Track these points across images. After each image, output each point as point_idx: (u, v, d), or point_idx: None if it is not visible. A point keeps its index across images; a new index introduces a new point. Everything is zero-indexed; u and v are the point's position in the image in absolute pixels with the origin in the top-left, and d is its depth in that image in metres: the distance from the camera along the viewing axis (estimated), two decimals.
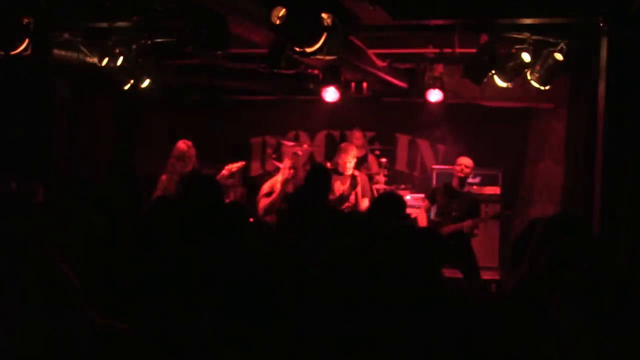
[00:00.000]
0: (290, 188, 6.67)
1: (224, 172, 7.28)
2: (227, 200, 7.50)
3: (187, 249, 3.45)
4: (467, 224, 7.01)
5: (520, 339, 2.61)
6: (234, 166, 7.40)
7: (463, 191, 7.21)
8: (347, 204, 6.87)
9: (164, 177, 6.87)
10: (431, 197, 7.35)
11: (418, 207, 7.74)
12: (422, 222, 7.20)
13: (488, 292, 6.78)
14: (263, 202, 6.78)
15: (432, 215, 7.37)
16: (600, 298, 1.69)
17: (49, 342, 1.51)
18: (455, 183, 7.21)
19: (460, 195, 7.15)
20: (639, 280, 1.73)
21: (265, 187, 6.99)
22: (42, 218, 3.43)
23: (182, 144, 6.97)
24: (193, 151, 6.94)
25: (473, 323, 2.90)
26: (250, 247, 3.24)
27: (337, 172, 6.95)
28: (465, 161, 7.16)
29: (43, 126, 7.84)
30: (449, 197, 7.14)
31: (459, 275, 6.96)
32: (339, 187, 6.95)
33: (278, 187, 6.76)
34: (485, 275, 7.59)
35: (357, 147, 7.70)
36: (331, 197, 6.59)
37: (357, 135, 8.96)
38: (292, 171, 6.71)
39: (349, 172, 6.94)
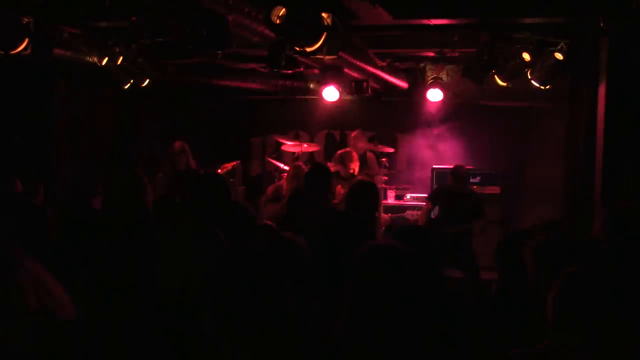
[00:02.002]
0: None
1: (219, 171, 7.31)
2: None
3: (189, 247, 3.45)
4: (481, 223, 6.98)
5: (520, 337, 2.61)
6: (229, 165, 7.44)
7: (466, 191, 7.18)
8: None
9: (159, 175, 6.90)
10: (433, 199, 7.33)
11: (420, 208, 7.73)
12: (423, 222, 7.19)
13: (488, 292, 6.78)
14: (269, 209, 6.77)
15: (434, 216, 7.35)
16: (594, 296, 1.69)
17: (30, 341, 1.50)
18: (456, 184, 7.18)
19: (464, 195, 7.12)
20: (633, 279, 1.73)
21: (270, 192, 6.99)
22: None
23: (176, 144, 6.99)
24: (185, 151, 6.96)
25: (472, 322, 2.90)
26: (254, 246, 3.24)
27: (340, 177, 6.96)
28: (456, 173, 7.14)
29: (43, 126, 7.85)
30: (452, 198, 7.11)
31: (459, 275, 6.95)
32: (340, 190, 6.95)
33: (284, 193, 6.76)
34: (485, 275, 7.58)
35: (359, 149, 7.71)
36: (335, 201, 6.59)
37: (358, 139, 8.92)
38: (294, 182, 6.72)
39: (350, 175, 6.96)
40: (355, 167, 7.03)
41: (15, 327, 1.47)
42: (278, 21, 4.53)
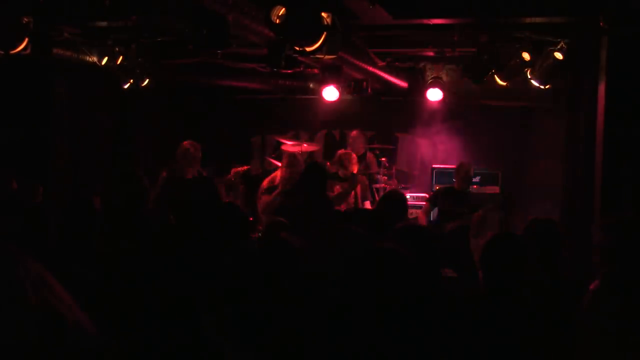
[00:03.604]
0: (289, 187, 6.66)
1: (230, 175, 7.31)
2: (226, 200, 7.53)
3: (186, 249, 3.45)
4: (477, 214, 6.98)
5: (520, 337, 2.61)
6: (241, 169, 7.45)
7: (465, 191, 7.20)
8: (344, 204, 6.86)
9: (164, 174, 6.87)
10: (432, 200, 7.33)
11: (419, 207, 7.73)
12: (422, 222, 7.19)
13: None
14: (264, 200, 6.77)
15: (433, 217, 7.35)
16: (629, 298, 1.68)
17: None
18: (457, 185, 7.19)
19: (463, 195, 7.13)
20: None
21: (265, 184, 6.99)
22: None
23: (188, 145, 6.96)
24: (199, 153, 6.94)
25: (468, 322, 2.90)
26: (252, 247, 3.24)
27: (339, 177, 6.96)
28: (465, 169, 7.14)
29: (43, 126, 7.85)
30: (452, 198, 7.12)
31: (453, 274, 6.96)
32: (338, 189, 6.94)
33: (277, 183, 6.75)
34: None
35: (358, 149, 7.71)
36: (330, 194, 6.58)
37: (358, 139, 8.92)
38: (288, 170, 6.67)
39: (348, 174, 6.95)
40: (354, 169, 7.02)
41: (17, 326, 1.47)
42: (278, 21, 4.53)
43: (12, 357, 1.45)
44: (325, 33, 4.69)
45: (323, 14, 4.72)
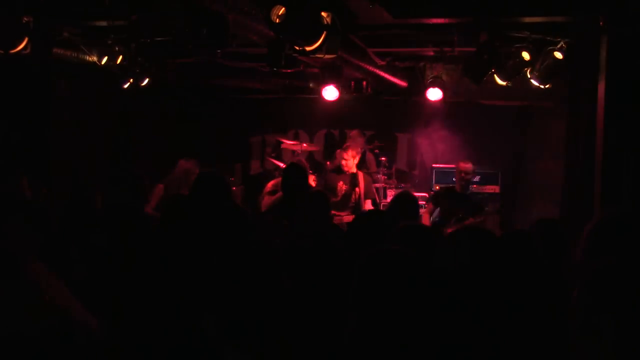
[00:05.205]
0: None
1: None
2: None
3: (187, 248, 3.45)
4: (467, 222, 6.99)
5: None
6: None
7: (466, 194, 7.21)
8: (349, 204, 6.87)
9: (161, 186, 6.84)
10: (435, 200, 7.34)
11: (420, 207, 7.73)
12: (426, 222, 7.18)
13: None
14: (266, 201, 6.77)
15: (435, 217, 7.35)
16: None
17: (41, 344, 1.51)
18: (458, 187, 7.20)
19: (464, 198, 7.13)
20: None
21: (270, 186, 7.00)
22: None
23: (187, 163, 6.91)
24: (197, 169, 6.92)
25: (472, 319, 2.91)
26: (255, 246, 3.23)
27: (341, 171, 6.97)
28: (465, 167, 7.14)
29: (43, 125, 7.85)
30: (453, 201, 7.12)
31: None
32: (342, 187, 6.95)
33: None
34: None
35: (357, 148, 7.71)
36: (334, 199, 6.57)
37: (357, 138, 8.93)
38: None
39: (350, 170, 6.95)
40: (353, 156, 7.02)
41: (26, 325, 1.48)
42: (278, 20, 4.53)
43: (22, 355, 1.46)
44: (325, 33, 4.70)
45: (323, 13, 4.72)
